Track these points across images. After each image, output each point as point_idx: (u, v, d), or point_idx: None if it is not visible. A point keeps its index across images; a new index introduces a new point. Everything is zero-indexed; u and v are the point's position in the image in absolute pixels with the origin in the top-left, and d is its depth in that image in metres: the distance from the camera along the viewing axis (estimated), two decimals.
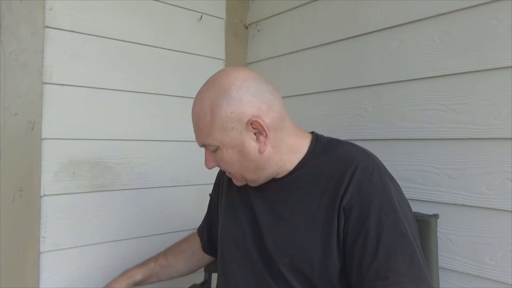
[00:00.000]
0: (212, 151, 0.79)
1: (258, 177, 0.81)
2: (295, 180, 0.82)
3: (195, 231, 1.14)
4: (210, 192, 1.10)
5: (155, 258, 1.08)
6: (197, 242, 1.11)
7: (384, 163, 0.82)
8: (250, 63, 1.66)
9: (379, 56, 1.18)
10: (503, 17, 0.93)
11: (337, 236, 0.73)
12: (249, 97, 0.74)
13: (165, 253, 1.09)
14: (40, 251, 1.16)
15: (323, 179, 0.78)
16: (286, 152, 0.81)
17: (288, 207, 0.81)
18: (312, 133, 0.88)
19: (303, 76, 1.43)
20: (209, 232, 1.07)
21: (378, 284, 0.66)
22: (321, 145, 0.84)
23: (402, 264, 0.67)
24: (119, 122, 1.33)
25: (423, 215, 0.94)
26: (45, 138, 1.17)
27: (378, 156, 0.83)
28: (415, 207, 0.89)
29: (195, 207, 1.50)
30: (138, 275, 1.04)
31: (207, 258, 1.12)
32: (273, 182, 0.84)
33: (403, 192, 0.81)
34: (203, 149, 0.83)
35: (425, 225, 0.91)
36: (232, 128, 0.74)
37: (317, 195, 0.77)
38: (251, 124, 0.75)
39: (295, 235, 0.78)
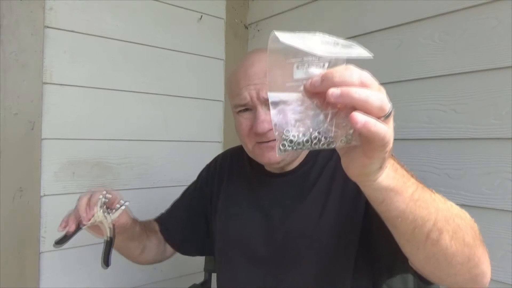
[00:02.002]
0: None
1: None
2: (304, 174, 0.84)
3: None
4: (192, 184, 1.08)
5: (141, 226, 0.99)
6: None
7: None
8: None
9: (379, 56, 1.18)
10: (503, 17, 0.93)
11: (356, 221, 0.76)
12: None
13: (146, 231, 1.00)
14: (40, 251, 1.16)
15: (331, 170, 0.81)
16: None
17: (298, 199, 0.82)
18: None
19: None
20: (173, 225, 1.03)
21: None
22: None
23: None
24: (119, 122, 1.33)
25: None
26: (45, 138, 1.17)
27: None
28: None
29: None
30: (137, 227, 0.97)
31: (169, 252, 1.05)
32: (282, 177, 0.85)
33: None
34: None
35: None
36: None
37: (325, 186, 0.80)
38: None
39: (307, 225, 0.79)
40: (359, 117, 0.38)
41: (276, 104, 0.42)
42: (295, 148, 0.43)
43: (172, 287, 1.43)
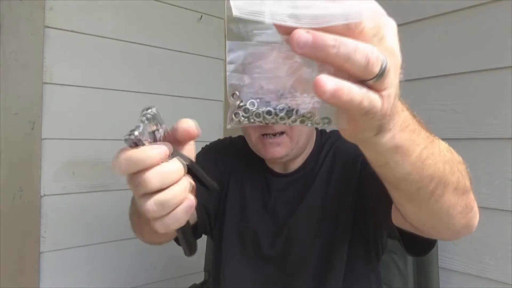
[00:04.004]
0: None
1: (303, 145, 0.81)
2: (308, 174, 0.84)
3: None
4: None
5: None
6: None
7: None
8: None
9: None
10: (503, 17, 0.93)
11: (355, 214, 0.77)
12: None
13: None
14: (40, 251, 1.16)
15: (333, 172, 0.82)
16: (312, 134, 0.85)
17: (301, 198, 0.83)
18: None
19: None
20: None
21: None
22: (325, 137, 0.87)
23: None
24: (119, 122, 1.33)
25: None
26: (45, 138, 1.17)
27: None
28: None
29: None
30: None
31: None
32: (287, 177, 0.85)
33: None
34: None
35: None
36: None
37: (325, 180, 0.82)
38: None
39: (309, 224, 0.80)
40: (327, 83, 0.28)
41: (235, 60, 0.32)
42: (251, 121, 0.34)
43: (172, 287, 1.43)
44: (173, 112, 1.46)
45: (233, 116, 0.34)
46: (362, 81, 0.30)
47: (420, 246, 0.65)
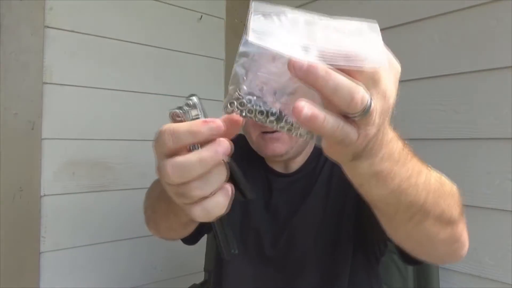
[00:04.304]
0: None
1: (303, 143, 0.81)
2: (309, 174, 0.84)
3: None
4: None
5: None
6: None
7: None
8: None
9: None
10: (503, 17, 0.93)
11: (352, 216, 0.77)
12: None
13: None
14: (40, 251, 1.16)
15: (334, 174, 0.82)
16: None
17: (302, 199, 0.82)
18: None
19: None
20: None
21: None
22: None
23: None
24: (119, 122, 1.33)
25: None
26: (45, 138, 1.17)
27: None
28: None
29: None
30: None
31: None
32: (288, 177, 0.85)
33: None
34: None
35: None
36: None
37: (326, 183, 0.82)
38: None
39: (311, 224, 0.80)
40: (304, 109, 0.31)
41: (246, 54, 0.34)
42: (243, 114, 0.36)
43: (172, 287, 1.43)
44: None
45: (228, 105, 0.36)
46: (345, 115, 0.33)
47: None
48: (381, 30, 0.35)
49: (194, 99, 0.42)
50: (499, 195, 0.93)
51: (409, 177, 0.43)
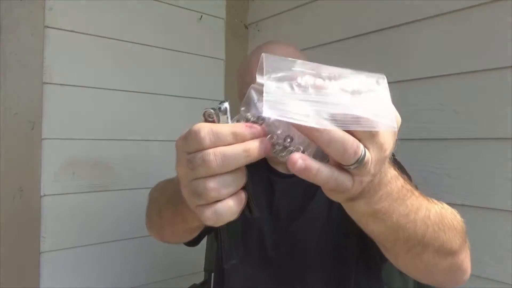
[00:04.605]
0: None
1: None
2: None
3: None
4: None
5: None
6: None
7: None
8: None
9: (379, 56, 1.18)
10: (503, 17, 0.93)
11: None
12: None
13: None
14: (40, 251, 1.16)
15: None
16: None
17: (305, 201, 0.82)
18: None
19: None
20: None
21: None
22: None
23: None
24: (119, 122, 1.33)
25: None
26: (45, 138, 1.17)
27: None
28: None
29: None
30: None
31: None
32: (291, 178, 0.85)
33: None
34: None
35: None
36: None
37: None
38: None
39: (314, 227, 0.80)
40: (297, 163, 0.34)
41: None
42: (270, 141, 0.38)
43: (172, 287, 1.43)
44: (173, 112, 1.46)
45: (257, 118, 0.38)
46: (341, 165, 0.35)
47: None
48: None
49: (226, 105, 0.42)
50: (499, 195, 0.93)
51: (407, 214, 0.44)
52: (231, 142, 0.37)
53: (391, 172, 0.41)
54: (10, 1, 1.09)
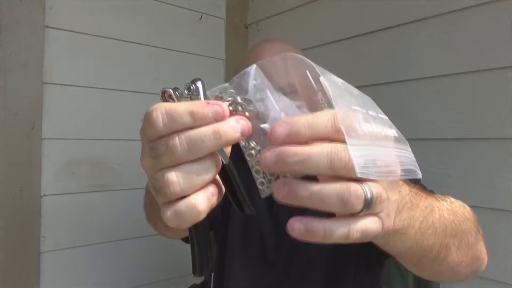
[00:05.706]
0: None
1: None
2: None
3: None
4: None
5: None
6: None
7: None
8: None
9: (379, 56, 1.18)
10: (503, 17, 0.93)
11: None
12: None
13: None
14: (40, 251, 1.16)
15: None
16: None
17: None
18: None
19: None
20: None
21: None
22: None
23: None
24: (119, 122, 1.33)
25: None
26: (45, 138, 1.17)
27: None
28: None
29: None
30: None
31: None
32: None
33: None
34: None
35: None
36: None
37: None
38: None
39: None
40: (294, 227, 0.28)
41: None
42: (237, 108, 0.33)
43: (172, 287, 1.43)
44: None
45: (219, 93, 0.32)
46: (351, 214, 0.29)
47: None
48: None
49: (199, 84, 0.34)
50: (499, 195, 0.93)
51: (425, 218, 0.41)
52: (190, 124, 0.30)
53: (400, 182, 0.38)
54: (10, 1, 1.09)
